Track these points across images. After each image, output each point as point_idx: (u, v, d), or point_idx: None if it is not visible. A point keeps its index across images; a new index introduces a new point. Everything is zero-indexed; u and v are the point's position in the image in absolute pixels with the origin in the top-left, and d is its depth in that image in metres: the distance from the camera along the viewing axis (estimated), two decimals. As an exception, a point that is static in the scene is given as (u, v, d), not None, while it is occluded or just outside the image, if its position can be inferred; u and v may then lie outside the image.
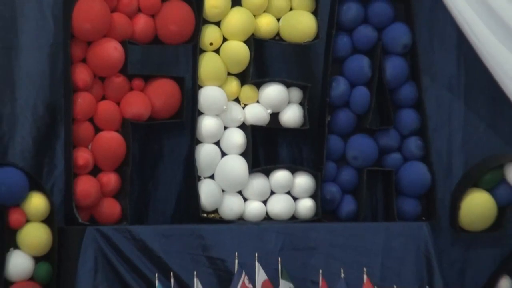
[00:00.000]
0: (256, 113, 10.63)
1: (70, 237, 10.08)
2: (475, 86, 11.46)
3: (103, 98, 10.40)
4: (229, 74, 10.60)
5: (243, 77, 10.67)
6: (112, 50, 10.29)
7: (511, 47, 11.01)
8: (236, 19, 10.54)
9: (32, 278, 10.05)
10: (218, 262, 9.95)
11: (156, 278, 9.60)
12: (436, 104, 11.37)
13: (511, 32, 10.98)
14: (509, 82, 11.04)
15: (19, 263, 10.04)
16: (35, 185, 10.13)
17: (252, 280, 9.79)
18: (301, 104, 10.76)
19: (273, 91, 10.63)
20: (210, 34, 10.54)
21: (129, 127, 10.35)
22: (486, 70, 11.10)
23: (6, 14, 10.67)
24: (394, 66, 10.97)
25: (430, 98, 11.26)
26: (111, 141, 10.35)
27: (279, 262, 9.86)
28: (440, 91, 11.41)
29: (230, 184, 10.54)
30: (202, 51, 10.53)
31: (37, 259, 10.06)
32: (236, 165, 10.54)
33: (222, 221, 10.47)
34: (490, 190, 10.95)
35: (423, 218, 10.93)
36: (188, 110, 10.56)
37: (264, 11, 10.63)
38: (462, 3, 11.02)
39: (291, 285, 9.87)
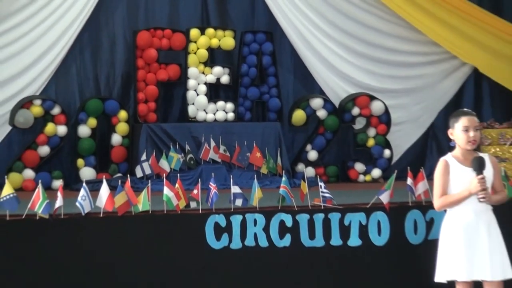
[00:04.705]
0: (211, 79, 10.75)
1: (136, 128, 10.36)
2: (299, 68, 11.34)
3: (149, 71, 10.57)
4: (200, 62, 10.73)
5: (205, 64, 10.75)
6: (152, 52, 10.52)
7: (315, 55, 11.21)
8: (203, 41, 10.69)
9: (121, 145, 10.36)
10: (195, 138, 10.27)
11: (171, 145, 10.07)
12: (283, 75, 11.25)
13: (313, 47, 11.16)
14: (315, 71, 11.26)
15: (116, 139, 10.34)
16: (122, 107, 10.42)
17: (209, 146, 10.18)
18: (229, 75, 10.83)
19: (217, 69, 10.74)
20: (192, 47, 10.69)
21: (160, 84, 10.59)
22: (303, 62, 11.28)
23: (111, 35, 10.76)
24: (266, 59, 10.93)
25: (280, 73, 11.14)
26: (152, 89, 10.55)
27: (220, 138, 10.28)
28: (285, 70, 11.35)
29: (200, 106, 10.65)
30: (189, 53, 10.67)
31: (123, 137, 10.37)
32: (203, 99, 10.68)
33: (197, 121, 10.62)
34: (303, 109, 10.88)
35: (277, 120, 10.87)
36: (183, 77, 10.70)
37: (214, 37, 10.76)
38: (293, 36, 11.15)
39: (225, 147, 10.25)
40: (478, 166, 4.69)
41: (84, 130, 10.27)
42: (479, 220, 4.74)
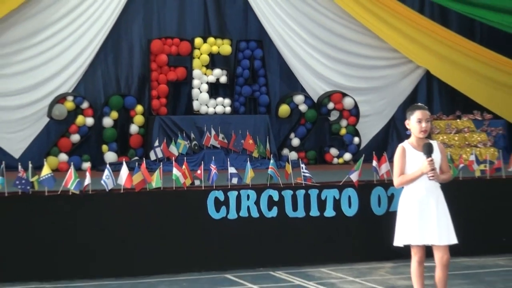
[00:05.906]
0: (212, 79, 10.62)
1: (150, 120, 10.23)
2: (284, 70, 11.19)
3: (161, 73, 10.46)
4: (202, 65, 10.59)
5: (207, 67, 10.64)
6: (163, 57, 10.42)
7: (298, 60, 11.11)
8: (205, 48, 10.57)
9: (138, 133, 10.26)
10: (199, 128, 10.15)
11: (179, 134, 9.97)
12: (271, 76, 11.08)
13: (296, 53, 11.10)
14: (297, 72, 11.17)
15: (134, 128, 10.24)
16: (139, 102, 10.32)
17: (210, 134, 10.06)
18: (227, 75, 10.71)
19: (217, 71, 10.64)
20: (196, 52, 10.56)
21: (169, 83, 10.48)
22: (288, 65, 11.17)
23: (129, 43, 10.62)
24: (257, 63, 10.83)
25: (269, 73, 10.99)
26: (163, 88, 10.44)
27: (219, 128, 10.13)
28: (272, 72, 11.16)
29: (203, 101, 10.54)
30: (193, 58, 10.55)
31: (139, 127, 10.22)
32: (205, 96, 10.56)
33: (200, 114, 10.47)
34: (288, 104, 10.78)
35: (266, 113, 10.72)
36: (189, 77, 10.60)
37: (214, 45, 10.63)
38: (279, 43, 11.07)
39: (223, 135, 10.14)
40: (428, 150, 4.66)
41: (107, 121, 10.24)
42: (430, 195, 4.71)
